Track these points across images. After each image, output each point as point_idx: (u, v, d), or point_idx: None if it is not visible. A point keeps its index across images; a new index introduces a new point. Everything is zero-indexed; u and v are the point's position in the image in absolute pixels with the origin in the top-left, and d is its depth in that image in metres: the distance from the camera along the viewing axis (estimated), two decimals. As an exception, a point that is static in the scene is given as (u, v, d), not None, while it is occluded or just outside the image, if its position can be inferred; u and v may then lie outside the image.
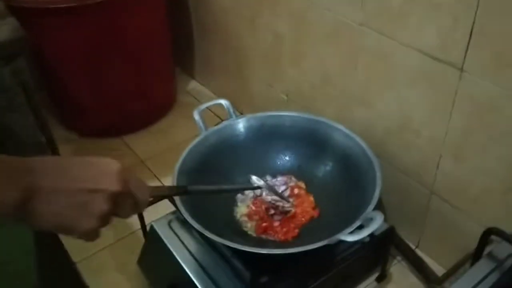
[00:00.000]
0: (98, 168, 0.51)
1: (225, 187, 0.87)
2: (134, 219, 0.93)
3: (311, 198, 0.94)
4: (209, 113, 1.44)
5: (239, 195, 0.95)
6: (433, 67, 0.81)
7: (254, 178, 0.86)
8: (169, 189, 0.69)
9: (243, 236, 0.87)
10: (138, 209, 0.55)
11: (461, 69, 0.77)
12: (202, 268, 0.84)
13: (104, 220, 0.51)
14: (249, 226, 0.89)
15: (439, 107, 0.84)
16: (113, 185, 0.50)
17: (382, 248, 0.91)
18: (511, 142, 0.76)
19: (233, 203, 0.94)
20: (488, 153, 0.80)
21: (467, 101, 0.79)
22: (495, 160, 0.80)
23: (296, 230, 0.88)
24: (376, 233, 0.84)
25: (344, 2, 0.93)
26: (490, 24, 0.71)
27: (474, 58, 0.75)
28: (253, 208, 0.91)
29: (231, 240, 0.74)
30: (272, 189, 0.89)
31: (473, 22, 0.72)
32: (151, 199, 0.59)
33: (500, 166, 0.79)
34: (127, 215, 0.54)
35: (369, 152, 0.87)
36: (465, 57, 0.76)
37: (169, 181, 0.86)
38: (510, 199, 0.80)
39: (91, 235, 0.51)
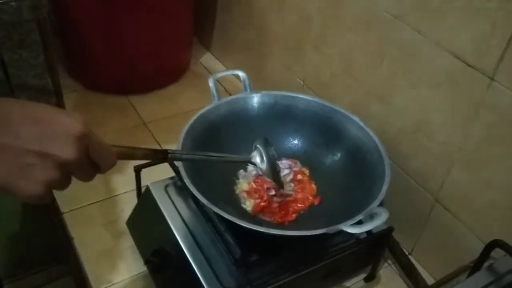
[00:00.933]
0: (51, 127, 0.42)
1: (213, 155, 0.72)
2: (131, 178, 0.91)
3: (314, 186, 0.92)
4: (219, 86, 1.42)
5: (241, 171, 0.93)
6: (462, 72, 0.79)
7: (258, 159, 0.78)
8: (144, 153, 0.56)
9: (240, 212, 0.85)
10: (100, 171, 0.48)
11: (492, 78, 0.75)
12: (193, 237, 0.82)
13: (54, 186, 0.43)
14: (247, 204, 0.87)
15: (460, 114, 0.82)
16: (67, 152, 0.42)
17: (377, 247, 0.89)
18: (528, 160, 0.74)
19: (235, 177, 0.92)
20: (502, 167, 0.78)
21: (491, 112, 0.77)
22: (507, 174, 0.78)
23: (294, 215, 0.86)
24: (374, 231, 0.83)
25: (381, -9, 0.90)
26: (531, 35, 0.68)
27: (507, 68, 0.73)
28: (254, 186, 0.89)
29: (227, 213, 0.72)
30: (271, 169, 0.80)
31: (513, 31, 0.70)
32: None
33: (510, 182, 0.77)
34: (85, 179, 0.47)
35: (381, 148, 0.85)
36: (498, 66, 0.74)
37: (169, 146, 0.83)
38: (515, 217, 0.78)
39: (38, 199, 0.43)
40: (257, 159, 0.77)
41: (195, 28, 1.53)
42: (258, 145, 0.78)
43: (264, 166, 0.77)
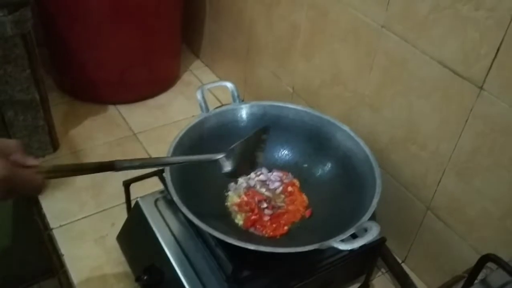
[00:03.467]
0: None
1: (170, 161, 0.71)
2: (121, 192, 0.90)
3: (305, 197, 0.91)
4: (209, 95, 1.41)
5: (232, 184, 0.92)
6: (451, 81, 0.79)
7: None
8: (90, 167, 0.58)
9: (231, 227, 0.84)
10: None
11: (481, 88, 0.74)
12: (184, 253, 0.81)
13: None
14: (238, 218, 0.86)
15: (450, 123, 0.81)
16: None
17: (370, 258, 0.88)
18: (519, 169, 0.74)
19: (226, 190, 0.91)
20: (493, 176, 0.78)
21: (481, 121, 0.76)
22: (499, 184, 0.77)
23: (286, 228, 0.85)
24: (367, 242, 0.82)
25: (369, 1, 0.89)
26: (519, 45, 0.68)
27: (496, 77, 0.72)
28: (245, 198, 0.88)
29: (218, 229, 0.71)
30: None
31: (502, 41, 0.70)
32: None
33: (502, 192, 0.77)
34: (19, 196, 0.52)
35: (372, 158, 0.85)
36: (487, 75, 0.73)
37: (161, 158, 0.82)
38: (507, 226, 0.78)
39: None
40: (223, 158, 0.74)
41: (184, 36, 1.53)
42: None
43: (229, 163, 0.74)
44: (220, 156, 0.77)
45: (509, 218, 0.77)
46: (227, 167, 0.76)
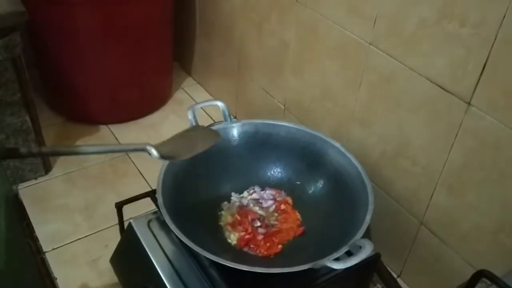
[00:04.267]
0: None
1: (86, 150, 0.60)
2: (113, 214, 0.90)
3: (298, 215, 0.91)
4: (202, 112, 1.41)
5: (225, 203, 0.92)
6: (439, 97, 0.79)
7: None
8: None
9: (225, 247, 0.84)
10: None
11: (469, 103, 0.75)
12: (178, 274, 0.81)
13: None
14: (232, 237, 0.85)
15: (440, 138, 0.82)
16: None
17: (365, 274, 0.88)
18: (508, 183, 0.74)
19: (219, 209, 0.91)
20: (484, 191, 0.78)
21: (470, 136, 0.77)
22: (490, 199, 0.78)
23: (279, 246, 0.85)
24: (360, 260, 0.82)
25: (356, 19, 0.90)
26: (504, 61, 0.69)
27: (483, 93, 0.73)
28: (238, 218, 0.88)
29: (212, 250, 0.71)
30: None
31: (488, 57, 0.70)
32: None
33: (494, 206, 0.77)
34: None
35: (364, 175, 0.85)
36: (474, 91, 0.74)
37: (153, 178, 0.82)
38: (500, 240, 0.78)
39: None
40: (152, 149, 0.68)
41: (176, 54, 1.53)
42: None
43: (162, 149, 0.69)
44: (148, 146, 0.70)
45: (502, 232, 0.77)
46: (158, 153, 0.70)
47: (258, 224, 0.87)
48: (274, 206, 0.90)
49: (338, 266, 0.66)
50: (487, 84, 0.72)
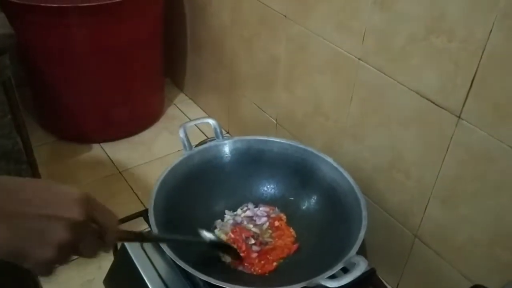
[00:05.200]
0: (56, 193, 0.45)
1: (181, 238, 0.76)
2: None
3: (292, 231, 0.90)
4: (195, 129, 1.41)
5: (218, 221, 0.91)
6: (430, 111, 0.80)
7: (204, 232, 0.78)
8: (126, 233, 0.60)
9: (219, 266, 0.83)
10: (104, 245, 0.50)
11: (459, 117, 0.75)
12: (172, 295, 0.80)
13: (63, 252, 0.44)
14: (226, 257, 0.85)
15: (432, 151, 0.82)
16: (74, 213, 0.44)
17: (361, 290, 0.87)
18: (502, 195, 0.74)
19: (212, 228, 0.90)
20: (477, 203, 0.78)
21: (461, 149, 0.77)
22: (483, 211, 0.78)
23: (274, 264, 0.84)
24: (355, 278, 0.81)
25: (345, 35, 0.91)
26: (493, 75, 0.69)
27: (473, 106, 0.73)
28: (232, 236, 0.87)
29: (206, 270, 0.70)
30: (221, 244, 0.82)
31: (476, 71, 0.71)
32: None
33: (488, 218, 0.77)
34: (92, 252, 0.48)
35: (357, 189, 0.84)
36: (464, 104, 0.74)
37: (145, 195, 0.82)
38: (496, 252, 0.78)
39: (47, 267, 0.45)
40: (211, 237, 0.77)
41: (168, 70, 1.53)
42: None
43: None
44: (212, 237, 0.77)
45: (496, 245, 0.77)
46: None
47: (252, 241, 0.87)
48: (268, 223, 0.90)
49: (332, 284, 0.66)
50: (477, 98, 0.72)
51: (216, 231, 0.90)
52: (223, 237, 0.88)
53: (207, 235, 0.77)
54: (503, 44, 0.67)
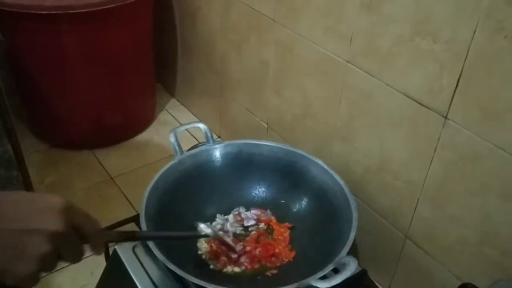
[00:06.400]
0: (33, 205, 0.44)
1: (174, 234, 0.78)
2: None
3: (285, 233, 0.91)
4: (186, 133, 1.41)
5: (208, 223, 0.91)
6: (417, 112, 0.80)
7: (201, 226, 0.79)
8: (117, 234, 0.62)
9: (209, 270, 0.83)
10: (92, 248, 0.50)
11: (446, 117, 0.76)
12: (164, 300, 0.80)
13: (46, 263, 0.44)
14: (215, 263, 0.85)
15: (420, 152, 0.83)
16: (55, 224, 0.44)
17: (353, 291, 0.88)
18: (489, 195, 0.75)
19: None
20: (465, 203, 0.79)
21: (449, 149, 0.78)
22: (472, 211, 0.78)
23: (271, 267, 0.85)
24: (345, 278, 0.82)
25: (332, 37, 0.92)
26: (477, 75, 0.70)
27: (459, 107, 0.74)
28: (214, 247, 0.87)
29: (198, 274, 0.70)
30: (220, 239, 0.85)
31: (461, 71, 0.72)
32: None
33: (476, 218, 0.78)
34: (75, 258, 0.48)
35: (347, 191, 0.85)
36: (450, 105, 0.75)
37: (137, 201, 0.82)
38: (485, 252, 0.78)
39: (30, 280, 0.44)
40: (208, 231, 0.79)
41: (159, 76, 1.54)
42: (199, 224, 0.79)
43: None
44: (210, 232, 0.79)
45: (485, 244, 0.78)
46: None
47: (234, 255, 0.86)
48: (255, 227, 0.90)
49: (323, 285, 0.66)
50: (462, 98, 0.73)
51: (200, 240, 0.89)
52: (207, 247, 0.87)
53: (204, 228, 0.77)
54: (486, 44, 0.68)
